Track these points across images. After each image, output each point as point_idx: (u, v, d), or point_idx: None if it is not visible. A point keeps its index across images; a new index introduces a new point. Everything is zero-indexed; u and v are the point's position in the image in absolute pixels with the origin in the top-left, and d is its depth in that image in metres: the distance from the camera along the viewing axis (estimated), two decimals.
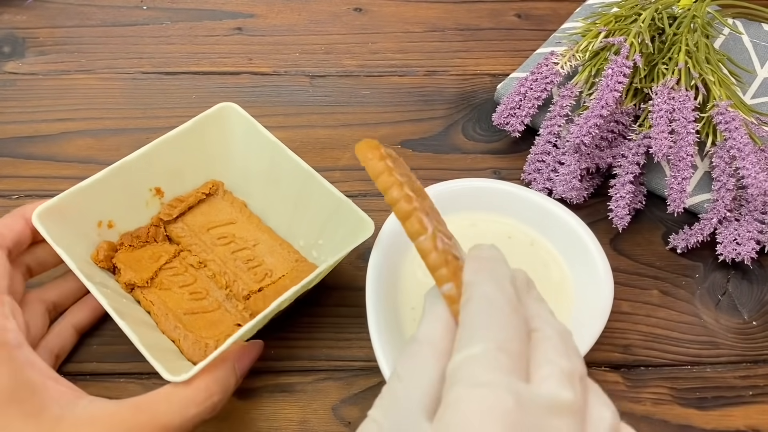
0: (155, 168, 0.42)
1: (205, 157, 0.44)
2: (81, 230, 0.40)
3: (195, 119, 0.42)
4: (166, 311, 0.39)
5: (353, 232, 0.38)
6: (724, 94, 0.45)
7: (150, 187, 0.43)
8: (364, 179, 0.49)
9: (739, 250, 0.44)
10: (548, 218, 0.41)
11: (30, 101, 0.52)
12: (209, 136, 0.43)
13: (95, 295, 0.35)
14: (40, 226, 0.37)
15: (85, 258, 0.40)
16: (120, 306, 0.37)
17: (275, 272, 0.41)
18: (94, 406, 0.32)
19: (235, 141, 0.44)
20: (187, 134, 0.42)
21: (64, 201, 0.38)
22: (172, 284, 0.40)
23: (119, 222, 0.42)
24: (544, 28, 0.58)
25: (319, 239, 0.42)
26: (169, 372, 0.32)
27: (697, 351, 0.43)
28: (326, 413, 0.39)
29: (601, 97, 0.44)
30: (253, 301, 0.40)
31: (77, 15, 0.57)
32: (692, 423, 0.40)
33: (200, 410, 0.33)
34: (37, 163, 0.48)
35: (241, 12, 0.58)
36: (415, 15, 0.59)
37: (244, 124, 0.42)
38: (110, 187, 0.40)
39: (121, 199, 0.41)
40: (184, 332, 0.38)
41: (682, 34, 0.47)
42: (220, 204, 0.44)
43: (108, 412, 0.32)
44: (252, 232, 0.43)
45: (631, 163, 0.45)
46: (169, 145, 0.42)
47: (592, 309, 0.38)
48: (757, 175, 0.42)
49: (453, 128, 0.52)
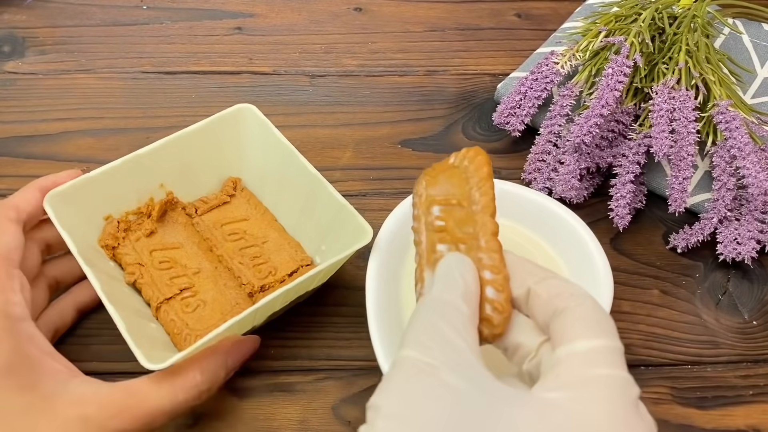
0: (167, 163, 0.42)
1: (220, 155, 0.44)
2: (89, 218, 0.41)
3: (212, 118, 0.42)
4: (167, 308, 0.39)
5: (352, 238, 0.38)
6: (725, 94, 0.45)
7: (160, 183, 0.43)
8: (364, 179, 0.49)
9: (739, 249, 0.44)
10: (548, 218, 0.41)
11: (30, 101, 0.52)
12: (225, 135, 0.43)
13: (90, 278, 0.35)
14: (50, 209, 0.38)
15: (92, 244, 0.40)
16: (117, 293, 0.37)
17: (279, 271, 0.41)
18: (87, 386, 0.33)
19: (251, 142, 0.44)
20: (203, 132, 0.42)
21: (75, 188, 0.39)
22: (173, 284, 0.41)
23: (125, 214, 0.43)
24: (544, 27, 0.58)
25: (322, 245, 0.42)
26: (149, 360, 0.32)
27: (697, 350, 0.43)
28: (326, 413, 0.39)
29: (602, 96, 0.44)
30: (256, 300, 0.40)
31: (77, 15, 0.57)
32: (693, 422, 0.40)
33: (188, 397, 0.34)
34: (37, 163, 0.48)
35: (241, 12, 0.58)
36: (415, 15, 0.59)
37: (260, 125, 0.43)
38: (120, 179, 0.41)
39: (131, 191, 0.42)
40: (179, 326, 0.38)
41: (683, 33, 0.47)
42: (237, 201, 0.45)
43: (99, 393, 0.33)
44: (263, 230, 0.44)
45: (632, 163, 0.45)
46: (184, 141, 0.42)
47: None
48: (758, 175, 0.42)
49: (453, 128, 0.52)
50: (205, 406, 0.39)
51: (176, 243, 0.43)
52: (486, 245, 0.30)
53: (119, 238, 0.41)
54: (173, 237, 0.43)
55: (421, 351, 0.26)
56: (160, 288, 0.40)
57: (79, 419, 0.32)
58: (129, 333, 0.33)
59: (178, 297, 0.40)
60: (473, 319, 0.28)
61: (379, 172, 0.49)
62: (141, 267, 0.41)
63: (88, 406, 0.32)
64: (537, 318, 0.29)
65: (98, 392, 0.33)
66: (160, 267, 0.41)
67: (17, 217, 0.37)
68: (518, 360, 0.29)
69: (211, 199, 0.44)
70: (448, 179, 0.33)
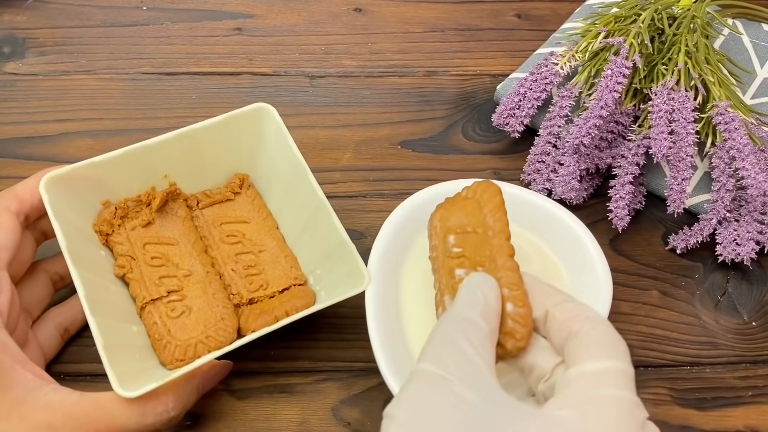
0: (174, 155, 0.41)
1: (231, 152, 0.43)
2: (88, 202, 0.40)
3: (229, 115, 0.41)
4: (151, 309, 0.39)
5: (348, 278, 0.38)
6: (724, 95, 0.45)
7: (165, 173, 0.42)
8: (364, 180, 0.49)
9: (738, 250, 0.44)
10: (547, 219, 0.41)
11: (30, 102, 0.52)
12: (240, 133, 0.42)
13: (76, 284, 0.35)
14: (45, 194, 0.37)
15: (86, 230, 0.40)
16: (102, 293, 0.37)
17: (271, 286, 0.41)
18: (56, 394, 0.33)
19: (265, 143, 0.43)
20: (218, 128, 0.41)
21: (76, 172, 0.38)
22: (162, 285, 0.40)
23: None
24: (543, 28, 0.58)
25: (318, 269, 0.41)
26: (120, 382, 0.32)
27: (696, 351, 0.43)
28: (326, 414, 0.39)
29: (601, 97, 0.44)
30: (242, 313, 0.40)
31: (77, 15, 0.57)
32: (692, 423, 0.40)
33: (157, 421, 0.33)
34: (37, 164, 0.48)
35: (241, 12, 0.58)
36: (415, 15, 0.59)
37: (276, 129, 0.42)
38: (124, 167, 0.40)
39: (133, 179, 0.41)
40: (161, 331, 0.38)
41: (682, 34, 0.47)
42: (242, 199, 0.44)
43: (68, 402, 0.33)
44: (262, 237, 0.43)
45: (631, 164, 0.45)
46: (197, 135, 0.41)
47: None
48: (757, 176, 0.42)
49: (453, 129, 0.52)
50: (204, 406, 0.39)
51: (172, 238, 0.42)
52: (504, 265, 0.32)
53: (114, 225, 0.41)
54: (170, 231, 0.42)
55: (438, 365, 0.27)
56: (148, 287, 0.39)
57: (45, 426, 0.32)
58: (106, 351, 0.33)
59: (164, 299, 0.39)
60: (491, 337, 0.29)
61: (378, 173, 0.49)
62: (132, 260, 0.40)
63: (55, 414, 0.32)
64: (553, 340, 0.30)
65: (66, 401, 0.33)
66: (151, 263, 0.40)
67: (18, 209, 0.37)
68: (534, 380, 0.30)
69: (215, 194, 0.44)
70: (461, 210, 0.35)
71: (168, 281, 0.40)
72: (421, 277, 0.40)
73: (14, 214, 0.36)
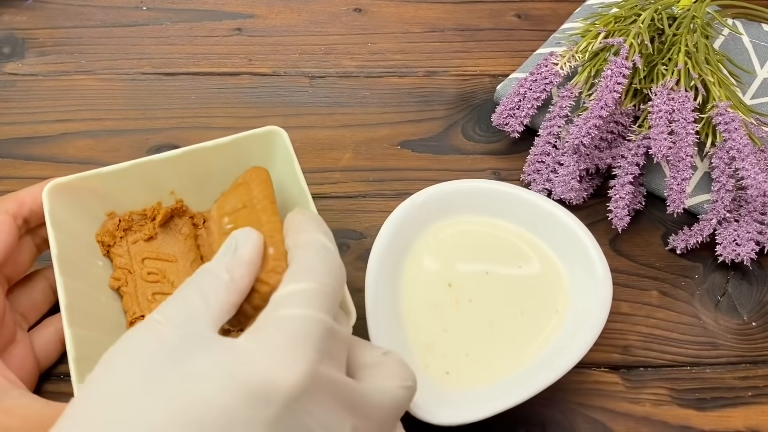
0: (182, 172, 0.41)
1: (241, 173, 0.42)
2: (92, 211, 0.40)
3: (239, 135, 0.41)
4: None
5: None
6: (724, 95, 0.45)
7: (171, 190, 0.42)
8: (364, 180, 0.49)
9: (738, 250, 0.44)
10: (547, 219, 0.41)
11: (30, 102, 0.52)
12: (249, 153, 0.42)
13: (59, 293, 0.35)
14: (47, 200, 0.37)
15: (87, 239, 0.40)
16: (90, 306, 0.37)
17: None
18: (20, 399, 0.33)
19: (273, 166, 0.42)
20: (227, 147, 0.41)
21: (81, 181, 0.38)
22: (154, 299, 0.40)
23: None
24: (543, 28, 0.58)
25: None
26: None
27: (696, 352, 0.43)
28: None
29: (601, 97, 0.44)
30: None
31: (77, 16, 0.57)
32: (691, 424, 0.40)
33: None
34: (36, 164, 0.48)
35: (240, 12, 0.58)
36: (415, 15, 0.59)
37: (284, 154, 0.41)
38: (130, 180, 0.40)
39: (139, 193, 0.41)
40: None
41: (682, 34, 0.47)
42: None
43: (29, 409, 0.33)
44: None
45: (631, 164, 0.45)
46: (204, 154, 0.41)
47: (590, 310, 0.38)
48: (757, 176, 0.42)
49: (453, 129, 0.52)
50: None
51: (171, 255, 0.41)
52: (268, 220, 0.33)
53: (116, 237, 0.40)
54: (171, 248, 0.41)
55: (160, 312, 0.28)
56: (140, 302, 0.39)
57: (1, 429, 0.32)
58: (76, 363, 0.33)
59: None
60: (231, 285, 0.29)
61: (378, 173, 0.49)
62: (129, 274, 0.40)
63: (13, 418, 0.32)
64: None
65: (28, 407, 0.32)
66: (147, 278, 0.40)
67: (17, 212, 0.36)
68: None
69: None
70: (233, 194, 0.36)
71: (161, 298, 0.39)
72: (421, 278, 0.40)
73: (11, 216, 0.36)
